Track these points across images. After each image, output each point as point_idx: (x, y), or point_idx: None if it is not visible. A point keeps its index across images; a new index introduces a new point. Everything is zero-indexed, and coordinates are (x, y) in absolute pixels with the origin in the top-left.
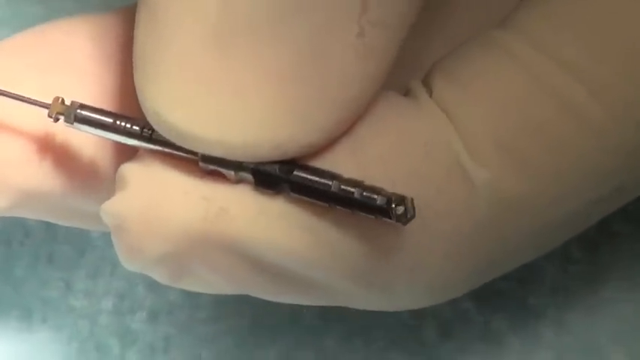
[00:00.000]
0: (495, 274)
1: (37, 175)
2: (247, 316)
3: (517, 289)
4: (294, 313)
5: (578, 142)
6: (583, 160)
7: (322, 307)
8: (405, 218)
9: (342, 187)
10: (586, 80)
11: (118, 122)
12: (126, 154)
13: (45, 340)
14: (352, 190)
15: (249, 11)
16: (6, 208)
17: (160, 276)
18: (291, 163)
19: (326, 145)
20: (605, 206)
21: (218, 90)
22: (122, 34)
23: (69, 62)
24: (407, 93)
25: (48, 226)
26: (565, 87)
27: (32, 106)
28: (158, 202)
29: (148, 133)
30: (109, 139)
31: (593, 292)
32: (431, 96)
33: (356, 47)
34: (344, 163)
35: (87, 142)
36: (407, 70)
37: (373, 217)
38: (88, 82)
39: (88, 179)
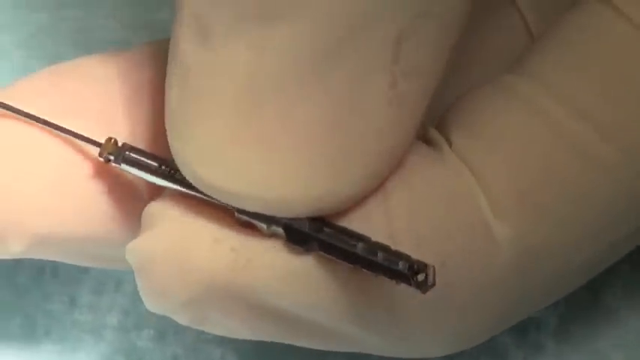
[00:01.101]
0: (515, 321)
1: (54, 221)
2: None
3: None
4: None
5: (596, 188)
6: (601, 205)
7: None
8: (425, 286)
9: (367, 249)
10: (600, 125)
11: (162, 167)
12: (143, 203)
13: (48, 352)
14: (376, 253)
15: (281, 68)
16: (22, 252)
17: (181, 319)
18: (321, 221)
19: (361, 199)
20: (624, 247)
21: (251, 148)
22: (147, 77)
23: (83, 108)
24: (428, 142)
25: None
26: (582, 135)
27: (50, 152)
28: (186, 246)
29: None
30: (153, 183)
31: (594, 301)
32: (450, 147)
33: (389, 98)
34: (374, 214)
35: (105, 188)
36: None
37: (394, 281)
38: (110, 128)
39: (106, 226)
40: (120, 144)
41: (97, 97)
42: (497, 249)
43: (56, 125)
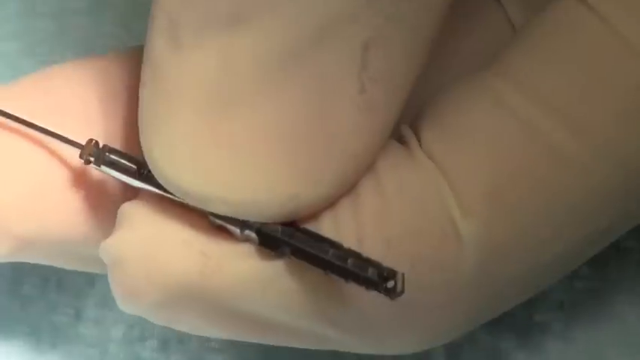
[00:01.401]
0: (487, 318)
1: (36, 225)
2: (258, 346)
3: (524, 305)
4: None
5: (564, 184)
6: (570, 201)
7: None
8: (394, 293)
9: (338, 255)
10: (569, 122)
11: (141, 169)
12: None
13: None
14: (347, 259)
15: (249, 70)
16: (6, 255)
17: (154, 318)
18: (293, 227)
19: (331, 202)
20: (595, 245)
21: (219, 150)
22: (126, 79)
23: (69, 108)
24: (400, 139)
25: None
26: (552, 132)
27: (33, 154)
28: (156, 248)
29: None
30: (131, 185)
31: (599, 307)
32: (420, 145)
33: (358, 103)
34: (343, 217)
35: (90, 189)
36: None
37: (364, 287)
38: (88, 129)
39: (87, 228)
40: (100, 145)
41: (77, 98)
42: (465, 248)
43: (38, 126)
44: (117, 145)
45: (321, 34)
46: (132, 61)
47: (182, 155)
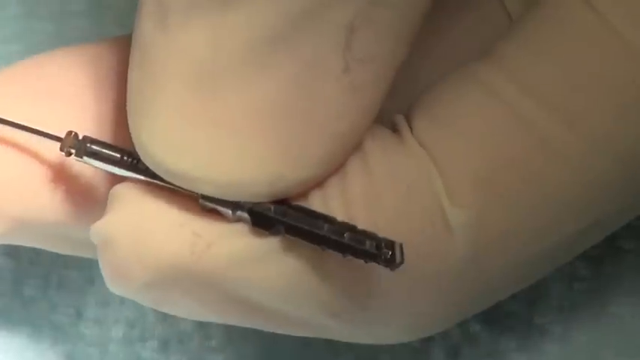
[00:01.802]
0: (479, 309)
1: (33, 203)
2: (258, 345)
3: (524, 307)
4: (304, 341)
5: (555, 175)
6: (561, 193)
7: None
8: (394, 263)
9: (334, 230)
10: (561, 113)
11: (125, 158)
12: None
13: None
14: (343, 233)
15: (236, 51)
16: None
17: (142, 300)
18: (286, 204)
19: (318, 182)
20: (588, 238)
21: (207, 129)
22: (116, 65)
23: (61, 93)
24: (393, 127)
25: None
26: (542, 121)
27: (28, 134)
28: (148, 229)
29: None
30: (116, 174)
31: (599, 308)
32: (412, 132)
33: (342, 83)
34: (332, 200)
35: (84, 171)
36: (395, 97)
37: (363, 261)
38: (79, 113)
39: (84, 208)
40: (80, 137)
41: (70, 84)
42: (453, 235)
43: (15, 123)
44: (109, 129)
45: (307, 15)
46: (123, 47)
47: (168, 135)
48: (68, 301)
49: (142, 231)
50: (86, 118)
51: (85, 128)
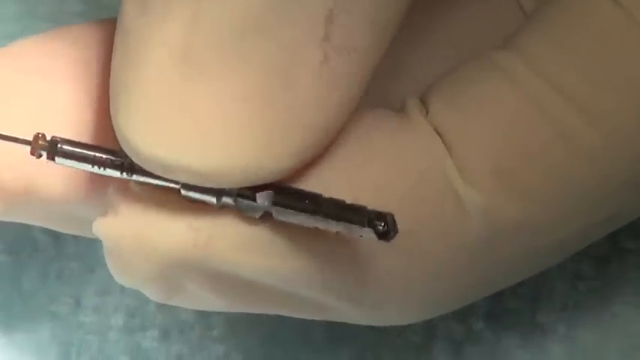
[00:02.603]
0: (487, 293)
1: (35, 179)
2: (259, 335)
3: (527, 306)
4: (306, 333)
5: (572, 168)
6: (577, 186)
7: (333, 327)
8: (388, 235)
9: (323, 208)
10: (585, 108)
11: (99, 155)
12: None
13: (53, 355)
14: (333, 209)
15: (213, 38)
16: (1, 212)
17: (152, 293)
18: (272, 187)
19: (317, 169)
20: (598, 231)
21: (184, 115)
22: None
23: (64, 67)
24: (402, 109)
25: (57, 242)
26: (563, 113)
27: (30, 110)
28: (148, 229)
29: (129, 165)
30: (91, 172)
31: (602, 308)
32: (426, 116)
33: (320, 73)
34: (336, 187)
35: None
36: (401, 80)
37: (357, 236)
38: (82, 87)
39: (91, 185)
40: (48, 138)
41: (79, 59)
42: (468, 217)
43: None
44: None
45: (284, 3)
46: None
47: (145, 121)
48: (68, 291)
49: (142, 231)
50: (94, 101)
51: (92, 107)
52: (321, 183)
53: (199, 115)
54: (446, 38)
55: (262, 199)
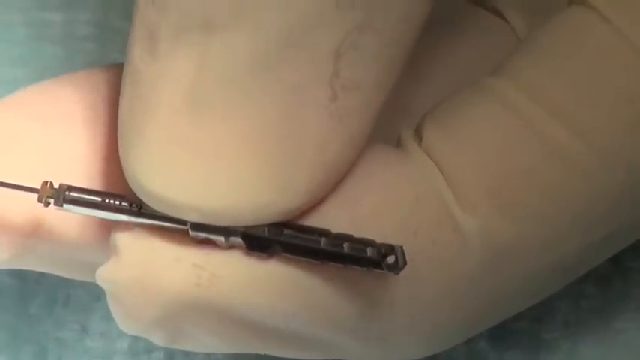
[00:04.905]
0: (491, 322)
1: (46, 223)
2: (263, 357)
3: (531, 324)
4: None
5: (567, 186)
6: (573, 203)
7: None
8: (397, 267)
9: (332, 242)
10: (576, 125)
11: (106, 200)
12: None
13: None
14: (342, 244)
15: (221, 78)
16: (6, 261)
17: (156, 338)
18: (279, 224)
19: (318, 204)
20: (599, 252)
21: (193, 155)
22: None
23: (70, 113)
24: (398, 143)
25: None
26: (554, 132)
27: (38, 158)
28: (151, 270)
29: (137, 209)
30: (99, 217)
31: (605, 325)
32: (420, 144)
33: (329, 110)
34: (338, 221)
35: None
36: (400, 117)
37: (366, 269)
38: (88, 133)
39: (98, 229)
40: (56, 186)
41: (85, 105)
42: (466, 243)
43: None
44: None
45: (292, 42)
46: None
47: (154, 161)
48: (74, 317)
49: (145, 273)
50: (95, 136)
51: (99, 152)
52: (322, 217)
53: (209, 155)
54: (446, 74)
55: (271, 235)
